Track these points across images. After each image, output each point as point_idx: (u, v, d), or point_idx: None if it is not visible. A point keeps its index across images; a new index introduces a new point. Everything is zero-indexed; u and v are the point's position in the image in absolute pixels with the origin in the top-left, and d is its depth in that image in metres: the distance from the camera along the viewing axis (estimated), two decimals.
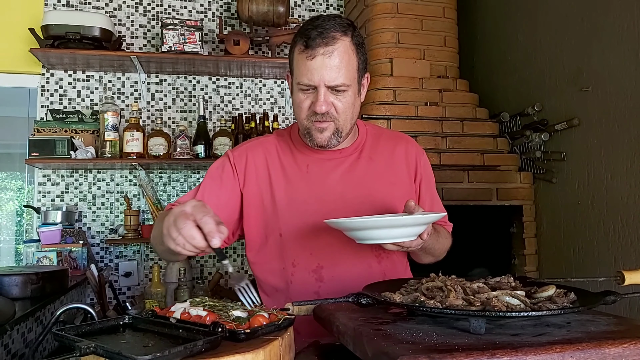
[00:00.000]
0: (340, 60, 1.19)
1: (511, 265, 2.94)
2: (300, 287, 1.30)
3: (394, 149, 1.42)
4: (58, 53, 2.73)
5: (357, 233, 1.09)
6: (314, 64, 1.18)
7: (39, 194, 2.92)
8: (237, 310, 0.90)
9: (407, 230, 1.07)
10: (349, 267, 1.30)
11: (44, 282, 1.67)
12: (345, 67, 1.20)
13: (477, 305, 0.83)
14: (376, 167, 1.38)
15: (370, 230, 1.07)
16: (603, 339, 0.73)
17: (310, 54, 1.18)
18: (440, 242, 1.34)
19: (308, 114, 1.24)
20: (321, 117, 1.22)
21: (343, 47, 1.20)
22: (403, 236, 1.08)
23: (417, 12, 3.02)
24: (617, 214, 2.33)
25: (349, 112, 1.26)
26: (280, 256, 1.32)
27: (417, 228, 1.08)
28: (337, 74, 1.19)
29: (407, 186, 1.41)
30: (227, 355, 0.74)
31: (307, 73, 1.19)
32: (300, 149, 1.37)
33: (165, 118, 3.11)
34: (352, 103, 1.26)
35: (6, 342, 1.32)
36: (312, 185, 1.33)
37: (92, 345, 0.73)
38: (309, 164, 1.35)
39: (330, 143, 1.27)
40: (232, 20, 3.27)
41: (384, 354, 0.69)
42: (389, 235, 1.07)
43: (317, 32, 1.18)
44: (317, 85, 1.20)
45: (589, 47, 2.50)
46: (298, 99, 1.25)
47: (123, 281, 2.93)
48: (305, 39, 1.19)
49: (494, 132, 2.96)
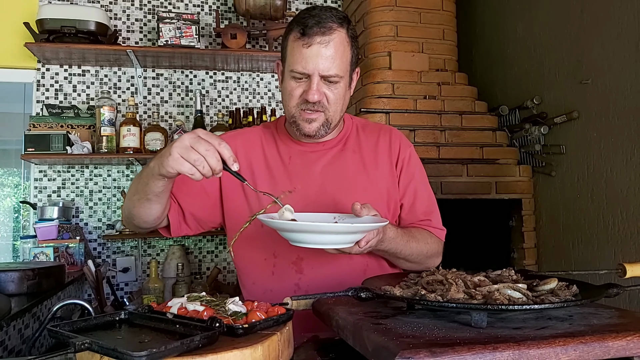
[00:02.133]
0: (335, 50, 1.19)
1: (510, 259, 2.93)
2: (281, 278, 1.29)
3: (378, 140, 1.40)
4: (53, 47, 2.71)
5: (287, 235, 1.07)
6: (309, 52, 1.17)
7: (36, 189, 2.91)
8: (234, 305, 0.89)
9: (337, 237, 1.04)
10: (329, 259, 1.28)
11: (40, 278, 1.66)
12: (340, 58, 1.20)
13: (478, 299, 0.82)
14: (359, 159, 1.36)
15: (300, 234, 1.04)
16: (606, 332, 0.72)
17: (307, 41, 1.17)
18: (411, 247, 1.28)
19: (298, 102, 1.23)
20: (312, 106, 1.22)
21: (339, 38, 1.20)
22: (337, 242, 1.05)
23: (415, 4, 3.00)
24: (616, 207, 2.32)
25: (339, 104, 1.25)
26: (262, 247, 1.31)
27: (350, 236, 1.05)
28: (332, 64, 1.18)
29: (390, 178, 1.38)
30: (224, 350, 0.73)
31: (302, 61, 1.18)
32: (284, 140, 1.36)
33: (162, 113, 3.09)
34: (343, 95, 1.25)
35: (2, 339, 1.31)
36: (294, 177, 1.32)
37: (87, 341, 0.72)
38: (292, 155, 1.34)
39: (318, 133, 1.26)
40: (229, 13, 3.24)
41: (384, 348, 0.68)
42: (320, 240, 1.04)
43: (315, 20, 1.18)
44: (311, 74, 1.19)
45: (588, 39, 2.48)
46: (289, 86, 1.23)
47: (121, 277, 2.92)
48: (302, 27, 1.18)
49: (493, 125, 2.95)
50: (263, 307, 0.90)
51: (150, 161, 1.08)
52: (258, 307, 0.89)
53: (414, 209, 1.38)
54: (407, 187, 1.38)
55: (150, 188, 1.11)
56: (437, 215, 1.41)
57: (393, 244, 1.22)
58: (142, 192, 1.14)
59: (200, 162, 0.97)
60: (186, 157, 0.97)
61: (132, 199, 1.19)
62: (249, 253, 1.33)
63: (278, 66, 1.32)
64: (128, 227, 1.30)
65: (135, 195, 1.17)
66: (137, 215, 1.21)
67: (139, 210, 1.19)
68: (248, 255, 1.33)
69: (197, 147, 0.97)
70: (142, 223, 1.24)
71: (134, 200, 1.18)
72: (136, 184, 1.17)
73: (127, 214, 1.25)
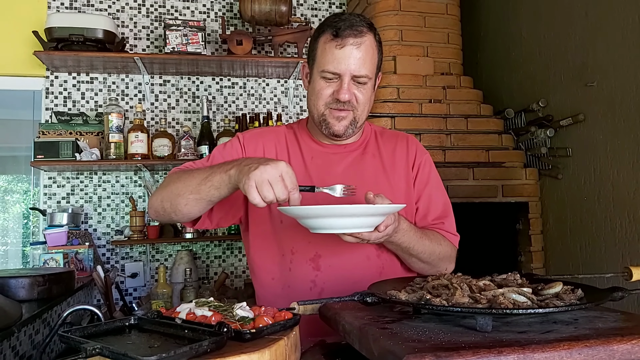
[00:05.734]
0: (366, 52, 1.24)
1: (517, 262, 2.92)
2: (298, 275, 1.31)
3: (395, 146, 1.44)
4: (62, 55, 2.74)
5: (307, 221, 1.07)
6: (342, 52, 1.22)
7: (45, 196, 2.94)
8: (242, 310, 0.90)
9: (358, 220, 1.04)
10: (347, 258, 1.30)
11: (50, 284, 1.67)
12: (370, 61, 1.25)
13: (483, 303, 0.82)
14: (379, 163, 1.39)
15: (320, 219, 1.04)
16: (611, 336, 0.72)
17: (340, 42, 1.22)
18: (424, 244, 1.29)
19: (328, 101, 1.27)
20: (342, 105, 1.26)
21: (369, 41, 1.25)
22: (356, 226, 1.05)
23: (420, 9, 3.01)
24: (623, 210, 2.31)
25: (367, 105, 1.30)
26: (280, 243, 1.33)
27: (370, 219, 1.05)
28: (363, 65, 1.23)
29: (407, 182, 1.40)
30: (232, 355, 0.74)
31: (334, 61, 1.22)
32: (306, 140, 1.39)
33: (169, 119, 3.11)
34: (370, 97, 1.30)
35: (14, 344, 1.32)
36: (315, 176, 1.34)
37: (97, 346, 0.73)
38: (314, 156, 1.37)
39: (346, 132, 1.30)
40: (234, 20, 3.27)
41: (390, 352, 0.69)
42: (339, 224, 1.04)
43: (348, 24, 1.23)
44: (342, 74, 1.23)
45: (593, 41, 2.48)
46: (319, 86, 1.27)
47: (129, 282, 2.94)
48: (335, 29, 1.23)
49: (499, 128, 2.94)
50: (270, 312, 0.90)
51: (229, 168, 1.09)
52: (265, 312, 0.90)
53: (429, 213, 1.40)
54: (422, 192, 1.40)
55: (220, 193, 1.13)
56: (452, 220, 1.42)
57: (407, 237, 1.23)
58: (207, 194, 1.14)
59: (269, 199, 1.02)
60: (260, 190, 1.02)
61: (187, 197, 1.18)
62: (267, 249, 1.34)
63: (304, 68, 1.36)
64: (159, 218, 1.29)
65: (194, 194, 1.16)
66: (184, 212, 1.21)
67: (191, 208, 1.19)
68: (266, 251, 1.35)
69: (274, 187, 1.02)
70: (183, 218, 1.24)
71: (190, 199, 1.17)
72: (199, 185, 1.15)
73: (170, 209, 1.22)
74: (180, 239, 2.95)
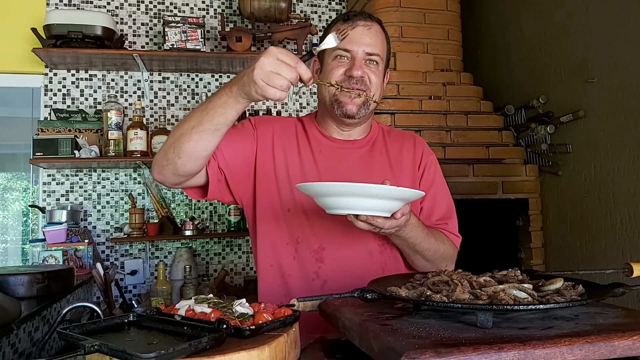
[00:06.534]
0: (376, 36, 1.30)
1: (517, 258, 2.92)
2: (301, 265, 1.31)
3: (402, 145, 1.44)
4: (61, 52, 2.74)
5: (326, 199, 1.04)
6: (354, 32, 1.27)
7: (44, 193, 2.93)
8: (241, 307, 0.89)
9: (378, 202, 1.01)
10: (350, 252, 1.31)
11: (49, 281, 1.67)
12: (380, 44, 1.31)
13: (484, 299, 0.82)
14: (387, 161, 1.40)
15: (339, 197, 1.01)
16: (612, 332, 0.72)
17: (351, 24, 1.28)
18: (429, 242, 1.29)
19: (340, 79, 1.28)
20: (355, 82, 1.27)
21: (379, 28, 1.32)
22: (374, 209, 1.02)
23: (420, 5, 3.00)
24: (624, 206, 2.31)
25: (378, 87, 1.32)
26: (286, 230, 1.33)
27: (391, 202, 1.03)
28: (374, 45, 1.29)
29: (413, 181, 1.41)
30: (232, 351, 0.74)
31: (346, 41, 1.25)
32: (315, 134, 1.40)
33: (168, 116, 3.11)
34: (381, 81, 1.33)
35: (13, 341, 1.32)
36: (323, 170, 1.34)
37: (96, 343, 0.72)
38: (322, 149, 1.37)
39: (360, 112, 1.30)
40: (234, 16, 3.26)
41: (390, 349, 0.69)
42: (358, 205, 1.01)
43: (356, 13, 1.32)
44: (355, 52, 1.27)
45: (594, 38, 2.47)
46: (331, 66, 1.29)
47: (129, 279, 2.93)
48: (345, 17, 1.31)
49: (499, 125, 2.94)
50: (270, 309, 0.90)
51: (229, 88, 1.05)
52: (265, 309, 0.90)
53: (432, 213, 1.40)
54: (427, 192, 1.39)
55: (226, 117, 1.08)
56: (455, 222, 1.43)
57: (414, 232, 1.22)
58: (210, 122, 1.09)
59: (285, 86, 0.99)
60: (272, 84, 0.99)
61: (190, 133, 1.11)
62: (273, 234, 1.34)
63: (314, 64, 1.38)
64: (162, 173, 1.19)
65: (196, 127, 1.11)
66: (192, 151, 1.13)
67: (197, 144, 1.12)
68: (271, 235, 1.34)
69: (280, 72, 0.98)
70: (192, 162, 1.16)
71: (193, 134, 1.11)
72: (200, 116, 1.10)
73: (174, 153, 1.15)
74: (180, 236, 2.95)
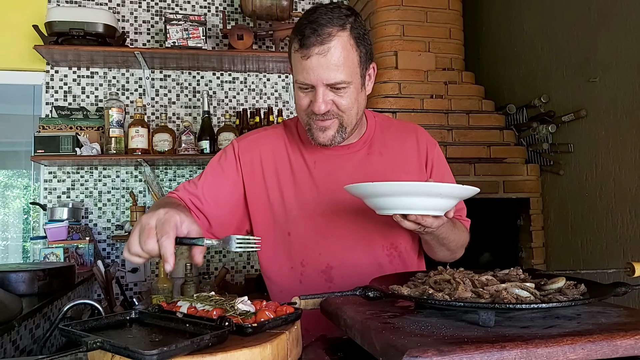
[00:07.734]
0: (337, 57, 1.13)
1: (518, 258, 2.92)
2: (310, 288, 1.26)
3: (405, 141, 1.37)
4: (62, 50, 2.73)
5: (379, 200, 1.00)
6: (309, 63, 1.13)
7: (45, 190, 2.93)
8: (243, 305, 0.89)
9: (438, 201, 0.98)
10: (359, 267, 1.26)
11: (50, 279, 1.68)
12: (344, 64, 1.14)
13: (486, 298, 0.82)
14: (387, 162, 1.33)
15: (396, 197, 0.97)
16: (614, 331, 0.72)
17: (304, 53, 1.13)
18: (455, 233, 1.26)
19: (308, 112, 1.20)
20: (322, 116, 1.18)
21: (340, 43, 1.13)
22: (432, 208, 0.99)
23: (421, 4, 3.00)
24: (625, 206, 2.31)
25: (353, 108, 1.20)
26: (289, 255, 1.29)
27: (449, 201, 1.00)
28: (335, 73, 1.13)
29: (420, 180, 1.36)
30: (234, 349, 0.74)
31: (303, 72, 1.14)
32: (307, 144, 1.32)
33: (169, 114, 3.11)
34: (356, 98, 1.20)
35: (14, 338, 1.32)
36: (321, 184, 1.28)
37: (98, 340, 0.72)
38: (317, 160, 1.30)
39: (334, 141, 1.22)
40: (235, 14, 3.25)
41: (392, 347, 0.69)
42: (416, 204, 0.97)
43: (311, 29, 1.12)
44: (315, 85, 1.15)
45: (596, 37, 2.47)
46: (297, 96, 1.21)
47: (130, 277, 2.93)
48: (300, 37, 1.14)
49: (500, 124, 2.94)
50: (272, 307, 0.90)
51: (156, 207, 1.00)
52: (267, 307, 0.90)
53: None
54: None
55: None
56: (464, 207, 1.41)
57: (446, 227, 1.18)
58: None
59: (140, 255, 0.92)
60: (133, 250, 0.92)
61: None
62: (276, 261, 1.31)
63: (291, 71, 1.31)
64: None
65: None
66: None
67: None
68: (274, 263, 1.31)
69: (142, 241, 0.91)
70: None
71: None
72: None
73: None
74: None
